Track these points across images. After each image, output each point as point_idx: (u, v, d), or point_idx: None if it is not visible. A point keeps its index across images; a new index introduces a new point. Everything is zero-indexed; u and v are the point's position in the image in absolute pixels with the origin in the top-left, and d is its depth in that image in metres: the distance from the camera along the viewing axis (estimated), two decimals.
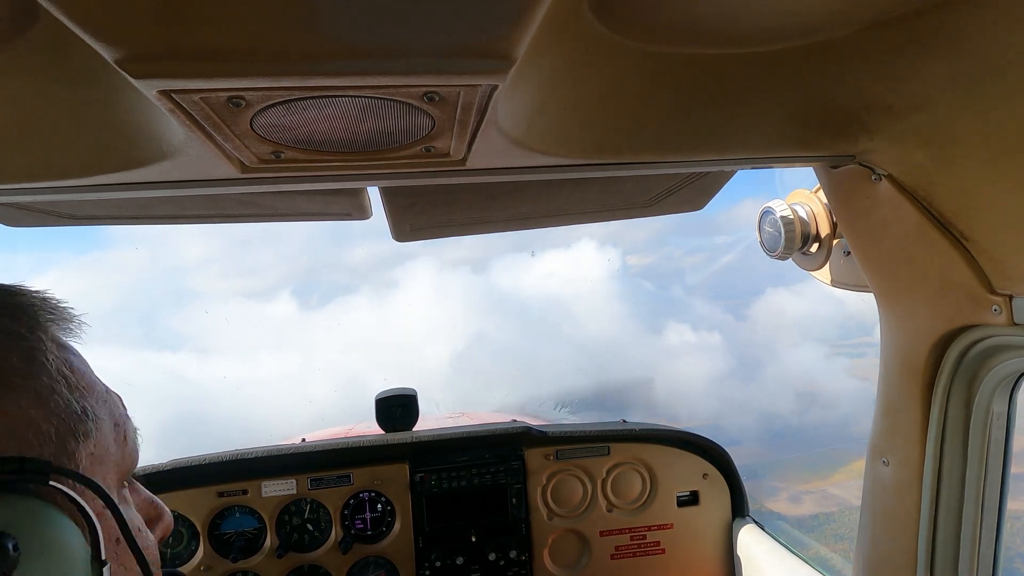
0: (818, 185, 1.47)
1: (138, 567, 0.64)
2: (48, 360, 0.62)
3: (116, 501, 0.62)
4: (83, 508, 0.57)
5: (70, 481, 0.57)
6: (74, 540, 0.55)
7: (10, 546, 0.49)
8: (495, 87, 0.73)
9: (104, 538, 0.58)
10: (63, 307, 0.67)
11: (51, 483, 0.56)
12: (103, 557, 0.57)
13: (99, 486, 0.60)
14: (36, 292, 0.66)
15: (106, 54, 0.60)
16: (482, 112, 0.81)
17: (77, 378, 0.65)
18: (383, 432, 2.22)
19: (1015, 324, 1.07)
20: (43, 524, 0.53)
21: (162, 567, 1.90)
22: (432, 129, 0.86)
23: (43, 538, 0.52)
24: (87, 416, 0.63)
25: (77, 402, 0.63)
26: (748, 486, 2.25)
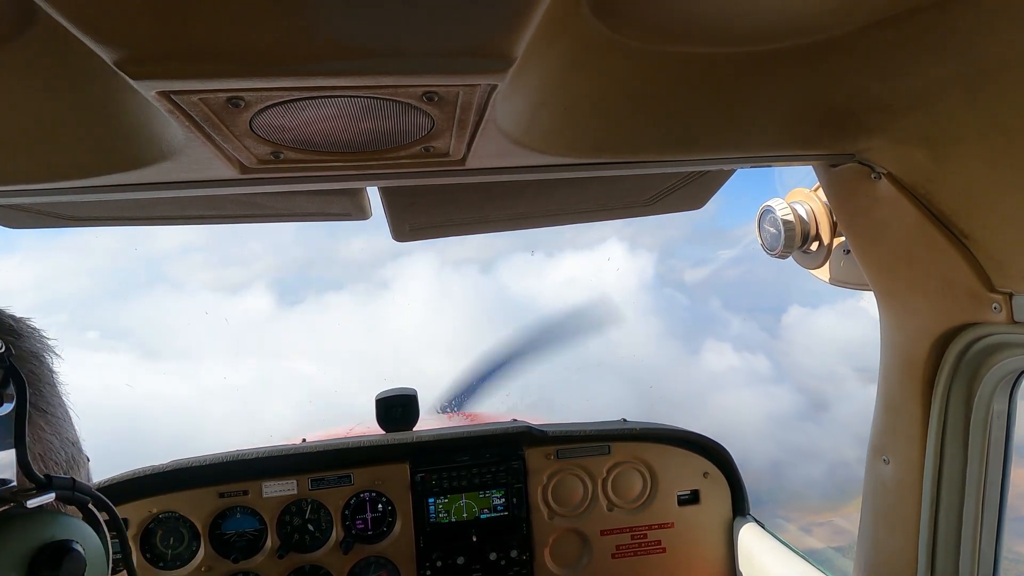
0: (818, 184, 1.47)
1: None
2: (63, 390, 0.69)
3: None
4: (101, 525, 0.66)
5: (90, 500, 0.65)
6: (101, 549, 0.63)
7: (81, 549, 0.57)
8: (494, 87, 0.73)
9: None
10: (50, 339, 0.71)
11: (89, 504, 0.65)
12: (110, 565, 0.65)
13: (113, 508, 0.68)
14: (31, 320, 0.70)
15: (105, 55, 0.60)
16: (481, 112, 0.81)
17: (69, 410, 0.71)
18: (383, 432, 2.22)
19: (1015, 322, 1.07)
20: (86, 535, 0.61)
21: (162, 568, 1.93)
22: (431, 129, 0.86)
23: (88, 546, 0.60)
24: (80, 447, 0.70)
25: (76, 433, 0.70)
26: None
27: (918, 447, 1.30)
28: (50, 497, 0.59)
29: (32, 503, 0.56)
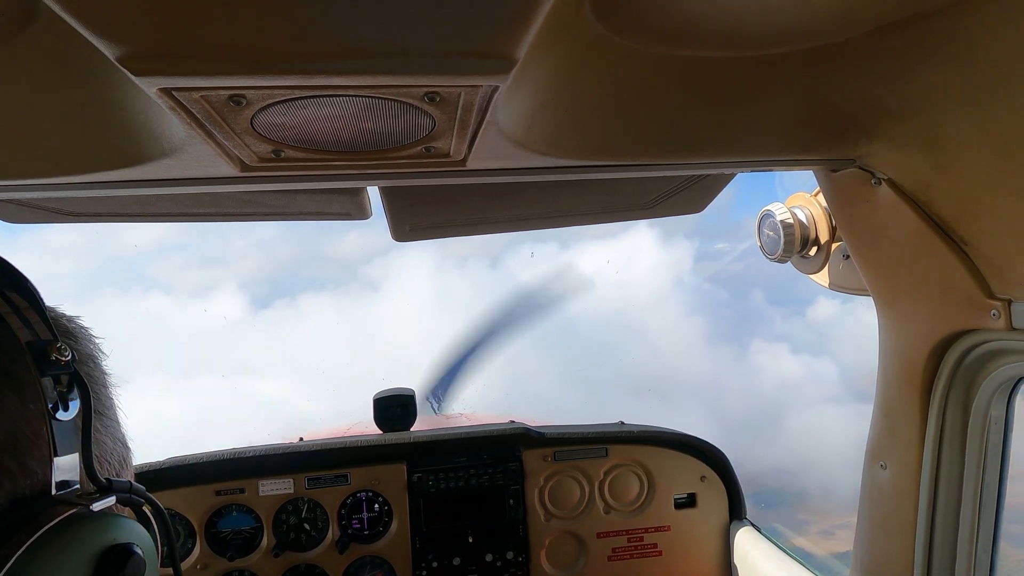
0: (818, 188, 1.47)
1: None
2: (114, 392, 0.68)
3: None
4: (153, 525, 0.67)
5: (144, 502, 0.67)
6: (154, 550, 0.63)
7: (140, 553, 0.58)
8: (496, 88, 0.73)
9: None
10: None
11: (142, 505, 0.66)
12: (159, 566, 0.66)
13: (165, 512, 0.70)
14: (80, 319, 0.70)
15: (107, 51, 0.60)
16: (483, 113, 0.81)
17: (118, 410, 0.70)
18: (381, 432, 2.22)
19: (1013, 329, 1.07)
20: (142, 537, 0.61)
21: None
22: (433, 129, 0.86)
23: (145, 548, 0.60)
24: (129, 447, 0.71)
25: (124, 432, 0.70)
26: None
27: (916, 453, 1.30)
28: (111, 500, 0.60)
29: (96, 506, 0.57)
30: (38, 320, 0.56)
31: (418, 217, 1.55)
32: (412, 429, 2.23)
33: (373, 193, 1.43)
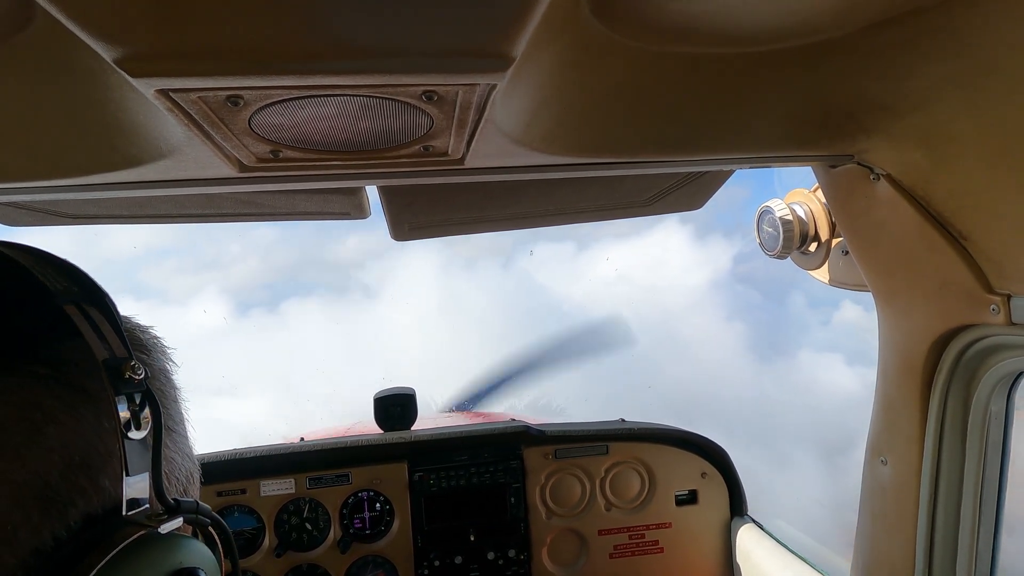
0: (816, 184, 1.47)
1: None
2: (185, 407, 0.67)
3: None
4: (219, 548, 0.64)
5: (210, 523, 0.64)
6: (218, 572, 0.61)
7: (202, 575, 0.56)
8: (494, 86, 0.73)
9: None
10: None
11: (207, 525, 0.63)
12: None
13: (230, 533, 0.66)
14: (153, 328, 0.67)
15: (104, 53, 0.60)
16: (481, 111, 0.81)
17: (187, 424, 0.69)
18: (382, 431, 2.22)
19: (1013, 324, 1.07)
20: (206, 559, 0.59)
21: None
22: (431, 128, 0.86)
23: (209, 571, 0.58)
24: (196, 462, 0.69)
25: (191, 446, 0.68)
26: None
27: (916, 448, 1.30)
28: (179, 522, 0.59)
29: (164, 528, 0.56)
30: (113, 335, 0.55)
31: (417, 216, 1.55)
32: (412, 428, 2.23)
33: (372, 193, 1.43)
